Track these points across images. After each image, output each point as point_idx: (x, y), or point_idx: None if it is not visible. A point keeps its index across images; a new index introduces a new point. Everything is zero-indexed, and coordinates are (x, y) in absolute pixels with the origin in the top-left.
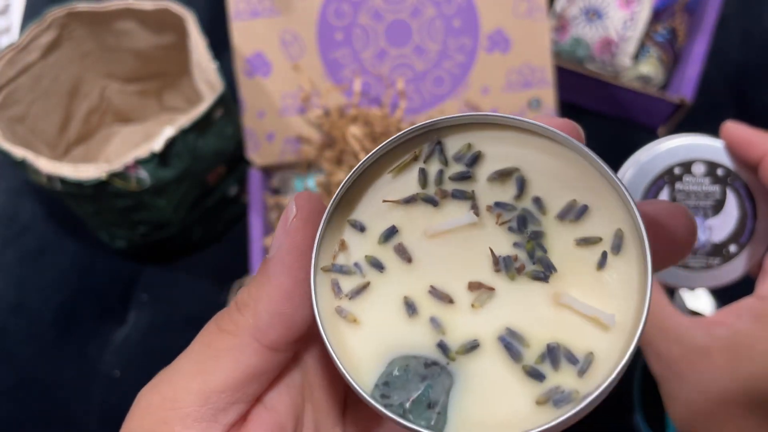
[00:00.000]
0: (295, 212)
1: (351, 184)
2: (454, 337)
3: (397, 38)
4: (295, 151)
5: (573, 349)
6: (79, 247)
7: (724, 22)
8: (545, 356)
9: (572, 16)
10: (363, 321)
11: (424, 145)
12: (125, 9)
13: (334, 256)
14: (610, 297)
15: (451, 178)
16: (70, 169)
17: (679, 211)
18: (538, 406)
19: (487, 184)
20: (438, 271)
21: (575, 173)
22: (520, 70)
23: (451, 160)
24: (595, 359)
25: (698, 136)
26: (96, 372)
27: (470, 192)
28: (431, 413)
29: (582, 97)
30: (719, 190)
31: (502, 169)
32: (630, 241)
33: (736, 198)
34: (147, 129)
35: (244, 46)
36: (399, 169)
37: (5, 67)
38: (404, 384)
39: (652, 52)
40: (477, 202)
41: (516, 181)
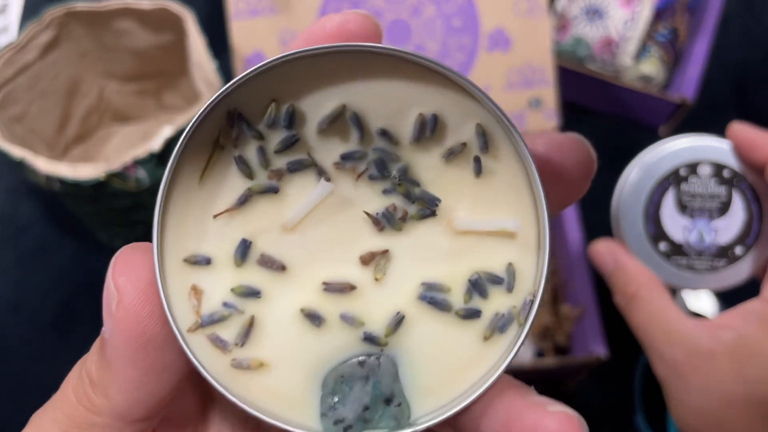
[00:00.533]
0: (116, 294)
1: (160, 219)
2: (375, 321)
3: (397, 38)
4: None
5: (493, 270)
6: (77, 247)
7: (725, 21)
8: (471, 291)
9: (573, 15)
10: (270, 360)
11: (223, 128)
12: (124, 8)
13: (195, 310)
14: (502, 203)
15: (276, 151)
16: (68, 169)
17: (568, 141)
18: (487, 341)
19: (321, 139)
20: (320, 262)
21: (408, 85)
22: (520, 70)
23: (265, 129)
24: (516, 269)
25: (703, 137)
26: None
27: (308, 158)
28: (393, 408)
29: (583, 96)
30: (725, 192)
31: (329, 114)
32: (497, 136)
33: (743, 200)
34: (146, 129)
35: (243, 45)
36: (208, 171)
37: (3, 66)
38: (350, 395)
39: (653, 52)
40: (321, 166)
41: (351, 121)
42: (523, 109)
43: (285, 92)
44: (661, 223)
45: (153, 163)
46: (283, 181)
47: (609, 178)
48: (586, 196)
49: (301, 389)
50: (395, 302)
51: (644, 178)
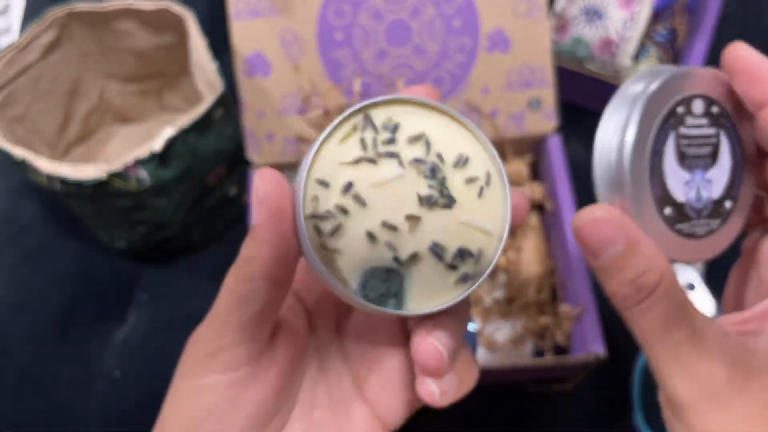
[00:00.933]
0: (261, 186)
1: (315, 153)
2: (402, 252)
3: (397, 38)
4: (295, 151)
5: (471, 249)
6: (79, 247)
7: (725, 21)
8: (456, 255)
9: (572, 16)
10: (341, 251)
11: (360, 121)
12: (125, 9)
13: (312, 208)
14: (488, 215)
15: (382, 142)
16: (69, 169)
17: (524, 201)
18: (456, 284)
19: (407, 145)
20: (384, 210)
21: (459, 135)
22: (520, 70)
23: (380, 129)
24: (483, 253)
25: (684, 67)
26: (96, 372)
27: (396, 152)
28: (393, 300)
29: (582, 96)
30: (715, 133)
31: (414, 135)
32: (495, 178)
33: (729, 142)
34: (147, 129)
35: (243, 46)
36: (344, 139)
37: (5, 67)
38: (375, 285)
39: (652, 52)
40: (401, 159)
41: (424, 142)
42: (523, 109)
43: (397, 115)
44: (665, 181)
45: (154, 163)
46: (380, 159)
47: None
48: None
49: (352, 273)
50: (415, 246)
51: (645, 119)
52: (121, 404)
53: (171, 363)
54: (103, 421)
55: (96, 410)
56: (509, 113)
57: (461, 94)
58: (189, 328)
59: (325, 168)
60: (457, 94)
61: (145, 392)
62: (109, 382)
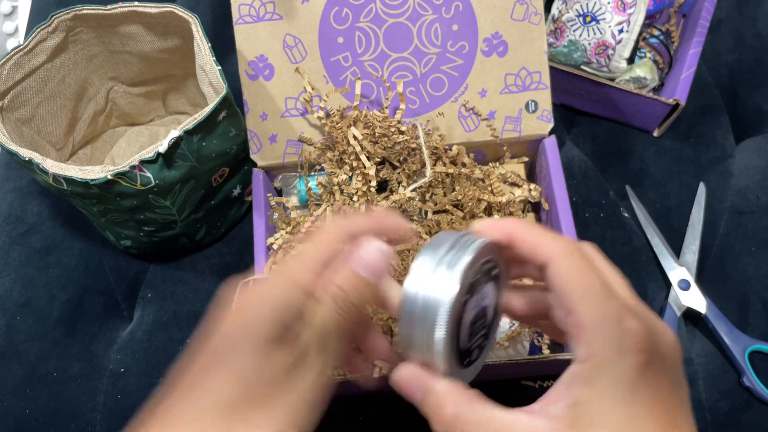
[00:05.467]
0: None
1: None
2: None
3: (397, 42)
4: (297, 152)
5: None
6: (85, 246)
7: (718, 25)
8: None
9: (568, 20)
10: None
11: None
12: (131, 12)
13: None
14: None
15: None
16: (76, 170)
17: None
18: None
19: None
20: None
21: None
22: (517, 73)
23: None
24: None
25: (474, 237)
26: (102, 369)
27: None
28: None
29: (578, 99)
30: (489, 292)
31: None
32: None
33: (494, 291)
34: (152, 131)
35: (247, 49)
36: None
37: (12, 69)
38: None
39: (647, 55)
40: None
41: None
42: (520, 111)
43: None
44: (459, 338)
45: (159, 164)
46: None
47: (602, 179)
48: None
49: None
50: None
51: (458, 298)
52: (126, 400)
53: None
54: (108, 418)
55: (101, 406)
56: (506, 115)
57: (459, 97)
58: (193, 325)
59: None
60: (456, 97)
61: (150, 389)
62: (114, 379)
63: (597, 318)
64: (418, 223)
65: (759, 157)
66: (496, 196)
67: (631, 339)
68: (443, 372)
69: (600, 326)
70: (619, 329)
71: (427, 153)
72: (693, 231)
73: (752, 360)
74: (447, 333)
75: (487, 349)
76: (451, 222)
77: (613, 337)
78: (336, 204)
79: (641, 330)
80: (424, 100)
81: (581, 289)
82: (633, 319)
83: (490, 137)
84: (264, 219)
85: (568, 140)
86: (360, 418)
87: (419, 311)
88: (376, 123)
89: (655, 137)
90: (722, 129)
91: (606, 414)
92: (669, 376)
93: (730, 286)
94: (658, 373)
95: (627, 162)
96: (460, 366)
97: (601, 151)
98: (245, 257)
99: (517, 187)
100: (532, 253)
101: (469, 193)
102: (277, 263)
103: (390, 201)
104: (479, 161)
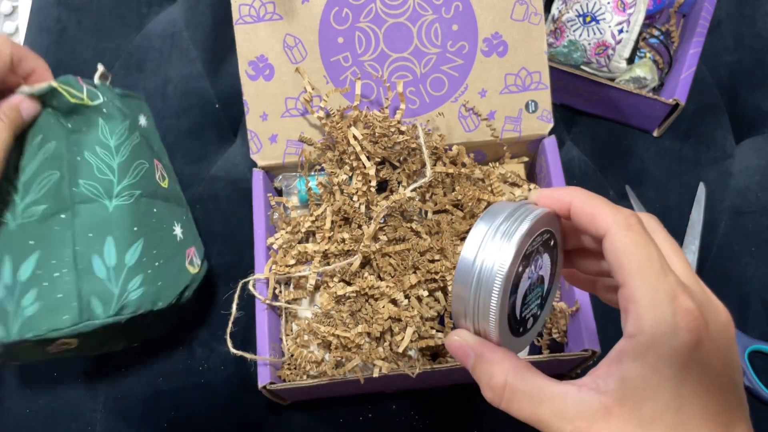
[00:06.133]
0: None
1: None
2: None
3: (396, 42)
4: (297, 152)
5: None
6: None
7: (718, 25)
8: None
9: (568, 20)
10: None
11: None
12: None
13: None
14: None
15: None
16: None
17: None
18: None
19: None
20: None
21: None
22: (517, 73)
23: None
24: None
25: (533, 206)
26: (101, 368)
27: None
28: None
29: (578, 99)
30: (547, 262)
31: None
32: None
33: (550, 263)
34: None
35: (247, 49)
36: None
37: None
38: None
39: (646, 55)
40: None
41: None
42: (520, 111)
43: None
44: (515, 306)
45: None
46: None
47: (602, 179)
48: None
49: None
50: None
51: (514, 263)
52: (126, 400)
53: (176, 359)
54: (109, 417)
55: (101, 406)
56: (506, 115)
57: (459, 97)
58: (194, 325)
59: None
60: (456, 97)
61: (150, 388)
62: (115, 379)
63: (649, 294)
64: (418, 223)
65: (759, 157)
66: (496, 196)
67: (683, 317)
68: (496, 340)
69: (652, 303)
70: (671, 307)
71: (427, 153)
72: (693, 231)
73: (752, 360)
74: (501, 301)
75: (542, 319)
76: (451, 222)
77: (665, 314)
78: (336, 204)
79: (694, 309)
80: (424, 100)
81: (636, 263)
82: (686, 296)
83: (490, 137)
84: (264, 219)
85: (568, 140)
86: (360, 418)
87: (475, 279)
88: (376, 123)
89: (655, 137)
90: (722, 129)
91: (654, 391)
92: (721, 355)
93: (729, 286)
94: (710, 352)
95: (627, 162)
96: (514, 334)
97: (601, 151)
98: (245, 257)
99: (517, 187)
100: (590, 223)
101: (469, 193)
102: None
103: (390, 201)
104: (479, 161)
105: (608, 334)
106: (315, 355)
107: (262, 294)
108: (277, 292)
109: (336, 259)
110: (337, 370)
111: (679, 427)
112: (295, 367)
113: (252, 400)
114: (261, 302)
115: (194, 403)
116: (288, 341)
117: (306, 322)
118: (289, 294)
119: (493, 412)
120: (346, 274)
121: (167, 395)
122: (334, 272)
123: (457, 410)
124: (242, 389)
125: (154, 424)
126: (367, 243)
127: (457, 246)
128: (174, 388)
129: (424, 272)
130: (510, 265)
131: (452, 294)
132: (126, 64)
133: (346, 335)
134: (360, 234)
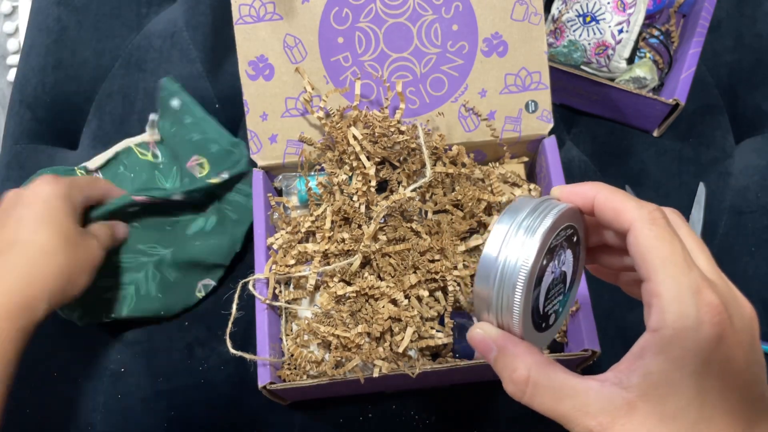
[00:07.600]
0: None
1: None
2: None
3: (396, 42)
4: (297, 152)
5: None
6: None
7: (718, 25)
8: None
9: (568, 20)
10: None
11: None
12: None
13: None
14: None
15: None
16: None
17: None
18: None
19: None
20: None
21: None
22: (517, 73)
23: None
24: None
25: (555, 202)
26: (102, 369)
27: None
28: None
29: (578, 99)
30: (570, 257)
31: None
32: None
33: (573, 258)
34: None
35: (247, 49)
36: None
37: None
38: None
39: (646, 55)
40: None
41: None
42: (520, 111)
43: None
44: (539, 300)
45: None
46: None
47: (602, 179)
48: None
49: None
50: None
51: (538, 258)
52: (126, 400)
53: (176, 359)
54: (109, 417)
55: (101, 406)
56: (506, 115)
57: (459, 97)
58: (194, 324)
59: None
60: (456, 97)
61: (150, 388)
62: (114, 379)
63: (673, 288)
64: (418, 223)
65: (759, 157)
66: (496, 196)
67: (707, 312)
68: (519, 334)
69: (675, 297)
70: (695, 301)
71: (427, 153)
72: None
73: None
74: (525, 296)
75: (563, 316)
76: (451, 222)
77: (689, 308)
78: (336, 204)
79: (718, 303)
80: (424, 100)
81: (660, 258)
82: (710, 291)
83: (490, 137)
84: (264, 219)
85: (568, 140)
86: (360, 418)
87: (498, 273)
88: (376, 123)
89: (655, 137)
90: (722, 129)
91: (677, 386)
92: (744, 351)
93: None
94: (733, 347)
95: (627, 162)
96: (537, 329)
97: (600, 151)
98: (245, 257)
99: (517, 187)
100: (614, 218)
101: (469, 193)
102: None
103: (390, 201)
104: (479, 161)
105: (608, 334)
106: (315, 355)
107: (262, 294)
108: (277, 292)
109: (336, 259)
110: (337, 370)
111: (701, 422)
112: (295, 367)
113: (252, 400)
114: (261, 302)
115: (194, 403)
116: (288, 341)
117: (306, 322)
118: (289, 294)
119: (493, 412)
120: (346, 274)
121: (167, 395)
122: (334, 272)
123: (457, 410)
124: (242, 389)
125: (154, 424)
126: (367, 243)
127: (457, 246)
128: (174, 388)
129: (424, 272)
130: (534, 260)
131: (474, 288)
132: (126, 64)
133: (346, 335)
134: (360, 234)
